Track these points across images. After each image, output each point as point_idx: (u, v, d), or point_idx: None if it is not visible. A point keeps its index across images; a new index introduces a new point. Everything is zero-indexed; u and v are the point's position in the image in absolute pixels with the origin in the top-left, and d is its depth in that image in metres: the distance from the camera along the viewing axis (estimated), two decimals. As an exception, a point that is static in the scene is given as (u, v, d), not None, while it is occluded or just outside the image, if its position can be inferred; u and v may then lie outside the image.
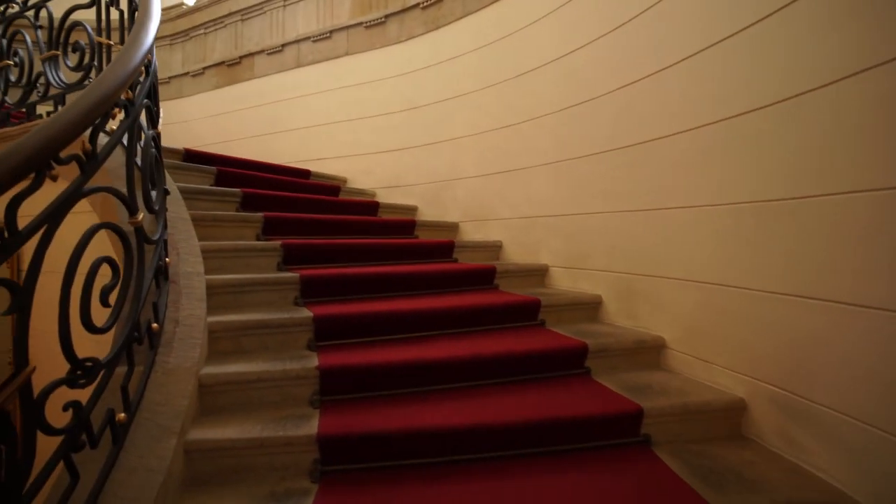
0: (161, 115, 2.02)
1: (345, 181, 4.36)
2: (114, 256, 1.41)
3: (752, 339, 1.80)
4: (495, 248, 3.38)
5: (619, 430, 1.74)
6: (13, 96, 2.96)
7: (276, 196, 3.00)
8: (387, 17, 4.14)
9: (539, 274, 3.01)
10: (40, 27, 2.85)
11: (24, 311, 1.09)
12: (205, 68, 5.21)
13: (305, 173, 4.02)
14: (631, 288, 2.45)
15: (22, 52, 2.94)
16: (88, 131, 1.34)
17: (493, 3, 3.50)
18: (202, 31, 5.26)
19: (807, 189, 1.60)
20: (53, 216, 1.19)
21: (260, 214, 2.61)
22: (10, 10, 3.08)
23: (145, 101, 1.76)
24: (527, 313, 2.45)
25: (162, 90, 5.48)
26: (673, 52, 2.16)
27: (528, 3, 3.22)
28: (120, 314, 1.42)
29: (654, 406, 1.77)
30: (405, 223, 3.39)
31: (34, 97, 2.91)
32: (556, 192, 2.99)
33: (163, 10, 5.44)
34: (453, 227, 3.70)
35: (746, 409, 1.81)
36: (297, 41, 4.61)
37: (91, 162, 1.31)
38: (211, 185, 2.86)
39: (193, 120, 5.32)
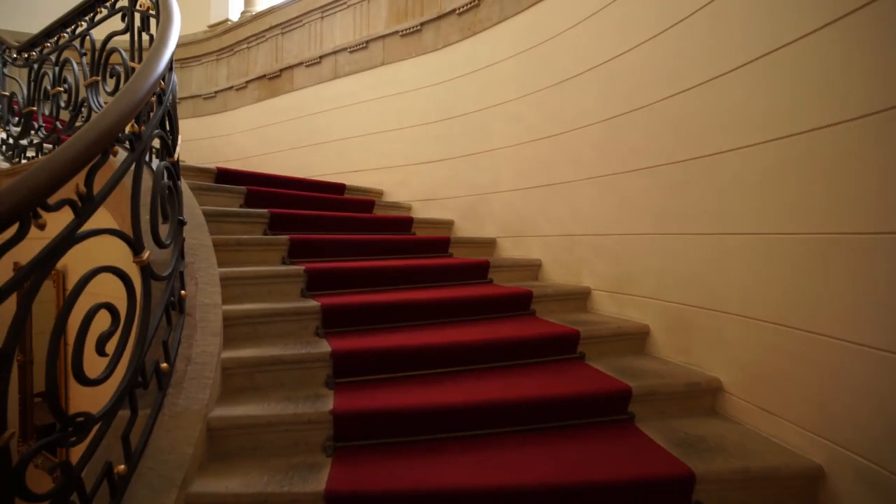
0: (178, 141, 1.97)
1: (381, 194, 4.28)
2: (116, 300, 1.36)
3: (832, 395, 1.52)
4: (534, 267, 3.18)
5: (667, 497, 1.51)
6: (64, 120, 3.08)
7: (305, 216, 2.93)
8: (422, 24, 4.01)
9: (580, 297, 2.78)
10: (84, 54, 2.93)
11: (2, 375, 1.03)
12: (247, 82, 5.29)
13: (340, 188, 3.97)
14: (683, 319, 2.19)
15: (70, 79, 3.02)
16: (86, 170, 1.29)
17: (531, 5, 3.29)
18: (245, 46, 5.35)
19: (905, 223, 1.31)
20: (42, 265, 1.12)
21: (286, 237, 2.54)
22: (62, 40, 3.20)
23: (157, 131, 1.70)
24: (566, 345, 2.23)
25: (208, 104, 5.64)
26: (733, 55, 1.89)
27: (568, 5, 2.99)
28: (121, 359, 1.36)
29: (710, 470, 1.53)
30: (439, 241, 3.24)
31: (79, 122, 2.99)
32: (602, 208, 2.75)
33: (209, 26, 5.61)
34: (490, 244, 3.52)
35: (825, 480, 1.53)
36: (335, 52, 4.58)
37: (87, 205, 1.25)
38: (240, 206, 2.84)
39: (237, 133, 5.42)
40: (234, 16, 5.63)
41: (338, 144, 4.59)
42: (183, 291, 1.83)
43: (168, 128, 1.90)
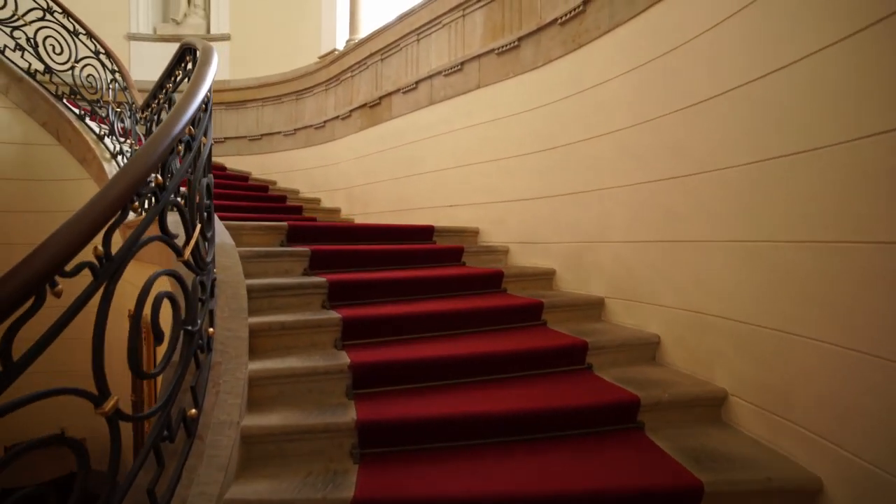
0: (196, 236, 1.76)
1: (476, 233, 3.85)
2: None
3: None
4: (650, 345, 2.48)
5: None
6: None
7: (370, 281, 2.59)
8: (520, 39, 3.46)
9: (713, 404, 2.05)
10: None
11: None
12: (351, 111, 5.24)
13: (427, 233, 3.61)
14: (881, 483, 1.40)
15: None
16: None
17: (650, 6, 2.56)
18: (349, 75, 5.30)
19: None
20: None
21: (337, 316, 2.24)
22: (159, 101, 3.35)
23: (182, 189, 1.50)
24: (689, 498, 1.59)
25: (319, 133, 5.74)
26: None
27: (700, 5, 2.23)
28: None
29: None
30: (530, 307, 2.69)
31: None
32: (747, 286, 2.00)
33: (319, 57, 5.67)
34: (596, 305, 2.88)
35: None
36: (430, 76, 4.24)
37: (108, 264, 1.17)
38: (303, 271, 2.62)
39: (344, 161, 5.42)
40: (341, 45, 5.63)
41: (433, 176, 4.27)
42: (192, 410, 1.60)
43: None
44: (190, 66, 2.68)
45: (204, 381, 1.72)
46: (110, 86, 4.50)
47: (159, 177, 1.44)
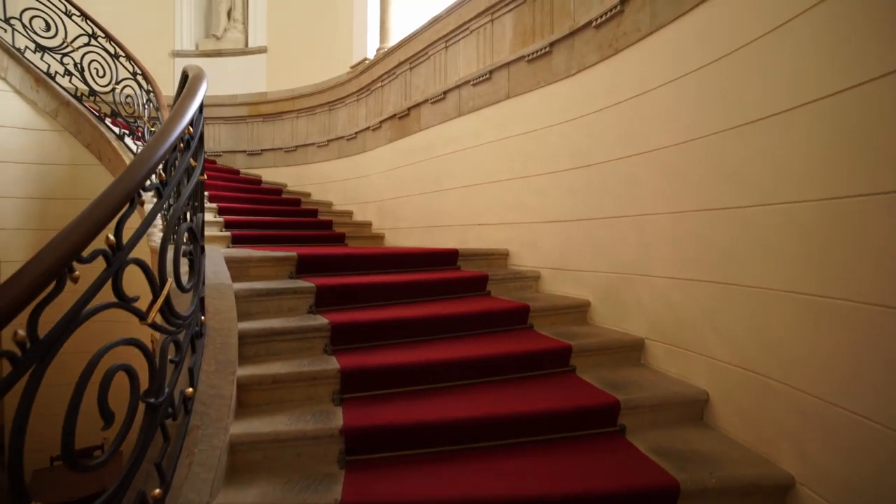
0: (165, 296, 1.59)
1: (505, 256, 3.56)
2: None
3: None
4: (696, 403, 2.12)
5: None
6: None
7: (378, 322, 2.34)
8: (552, 45, 3.13)
9: (775, 493, 1.68)
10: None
11: None
12: (381, 122, 5.07)
13: (451, 257, 3.35)
14: None
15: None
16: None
17: (699, 4, 2.18)
18: (379, 84, 5.13)
19: None
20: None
21: (335, 367, 2.03)
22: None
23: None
24: None
25: (350, 145, 5.63)
26: None
27: (760, 1, 1.84)
28: None
29: None
30: (557, 351, 2.38)
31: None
32: (819, 351, 1.62)
33: (351, 67, 5.55)
34: (634, 347, 2.53)
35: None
36: (458, 86, 3.98)
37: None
38: (308, 308, 2.44)
39: (374, 174, 5.27)
40: (372, 53, 5.47)
41: (462, 192, 4.01)
42: (156, 491, 1.44)
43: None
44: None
45: (176, 452, 1.56)
46: (145, 106, 4.57)
47: (111, 237, 1.29)
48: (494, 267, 3.50)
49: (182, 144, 1.74)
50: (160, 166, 1.54)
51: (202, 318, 1.92)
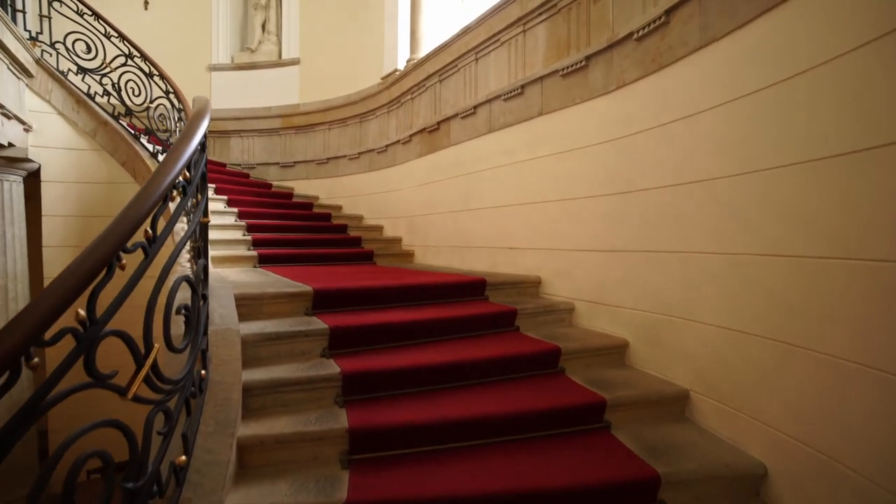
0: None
1: (537, 284, 3.32)
2: None
3: None
4: (751, 478, 1.84)
5: None
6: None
7: (395, 371, 2.16)
8: (588, 58, 2.87)
9: None
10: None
11: None
12: (411, 135, 4.92)
13: (479, 287, 3.14)
14: None
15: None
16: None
17: (759, 16, 1.89)
18: (409, 97, 4.98)
19: None
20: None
21: (343, 426, 1.85)
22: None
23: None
24: None
25: (381, 158, 5.51)
26: None
27: (836, 17, 1.55)
28: None
29: None
30: (591, 407, 2.14)
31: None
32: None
33: (381, 78, 5.43)
34: (678, 400, 2.26)
35: None
36: (489, 100, 3.77)
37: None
38: (321, 352, 2.30)
39: (405, 188, 5.12)
40: (402, 64, 5.33)
41: (492, 213, 3.80)
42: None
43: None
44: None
45: (163, 532, 1.44)
46: (178, 123, 4.61)
47: (81, 312, 1.17)
48: (525, 296, 3.27)
49: (177, 191, 1.62)
50: (148, 221, 1.43)
51: (203, 372, 1.81)
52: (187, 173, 1.67)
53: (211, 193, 5.13)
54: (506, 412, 2.05)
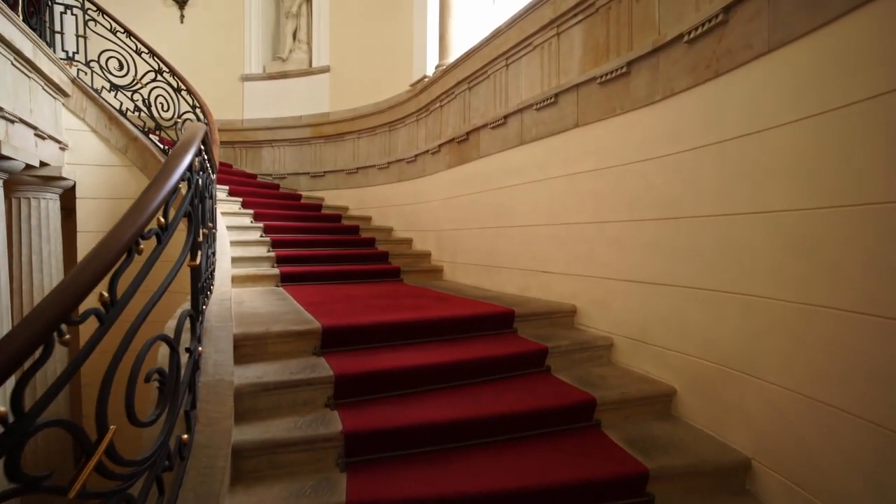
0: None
1: (572, 313, 3.00)
2: None
3: None
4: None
5: None
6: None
7: (406, 429, 1.89)
8: (630, 64, 2.53)
9: None
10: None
11: None
12: (440, 145, 4.67)
13: (506, 320, 2.84)
14: None
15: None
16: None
17: (847, 13, 1.51)
18: (438, 105, 4.73)
19: None
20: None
21: (340, 499, 1.64)
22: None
23: None
24: None
25: (410, 168, 5.30)
26: None
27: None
28: None
29: None
30: (632, 477, 1.82)
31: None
32: None
33: (410, 85, 5.20)
34: (737, 471, 1.91)
35: None
36: (520, 110, 3.46)
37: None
38: (325, 401, 2.07)
39: (433, 201, 4.88)
40: (431, 70, 5.09)
41: (523, 232, 3.49)
42: None
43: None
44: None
45: None
46: (203, 140, 4.54)
47: (2, 408, 0.99)
48: (558, 327, 2.96)
49: (138, 246, 1.36)
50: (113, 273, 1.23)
51: (185, 437, 1.63)
52: (162, 219, 1.48)
53: (237, 207, 5.08)
54: (527, 486, 1.76)
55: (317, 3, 6.56)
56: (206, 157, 2.72)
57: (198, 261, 1.77)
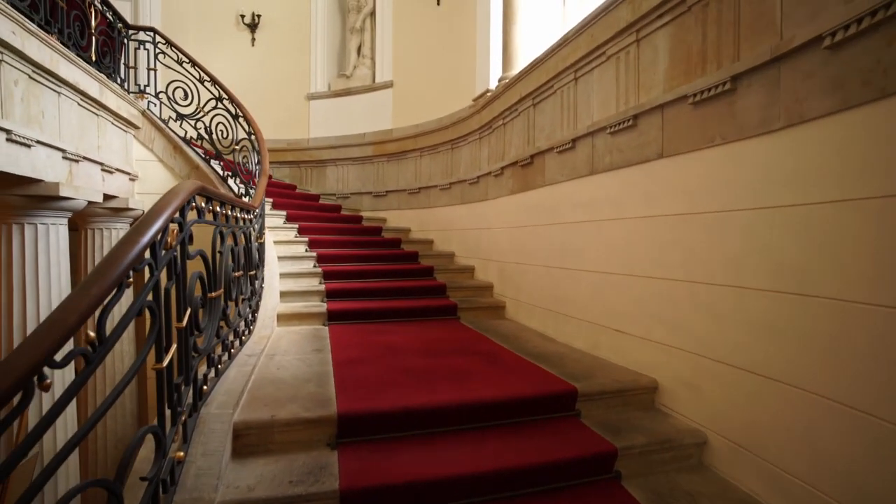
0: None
1: (654, 390, 2.39)
2: None
3: None
4: None
5: None
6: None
7: None
8: (736, 78, 1.88)
9: None
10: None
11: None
12: (503, 168, 4.16)
13: (568, 400, 2.29)
14: None
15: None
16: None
17: None
18: (501, 122, 4.22)
19: None
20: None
21: None
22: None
23: None
24: None
25: (472, 190, 4.86)
26: None
27: None
28: None
29: None
30: None
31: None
32: None
33: (473, 100, 4.74)
34: None
35: None
36: (590, 133, 2.88)
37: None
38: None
39: (496, 228, 4.39)
40: (494, 84, 4.59)
41: (593, 278, 2.91)
42: None
43: None
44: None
45: None
46: (256, 167, 4.45)
47: None
48: (634, 408, 2.37)
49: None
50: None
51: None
52: (91, 333, 1.16)
53: (293, 235, 4.94)
54: None
55: (380, 17, 6.33)
56: (231, 210, 2.47)
57: (165, 363, 1.46)
